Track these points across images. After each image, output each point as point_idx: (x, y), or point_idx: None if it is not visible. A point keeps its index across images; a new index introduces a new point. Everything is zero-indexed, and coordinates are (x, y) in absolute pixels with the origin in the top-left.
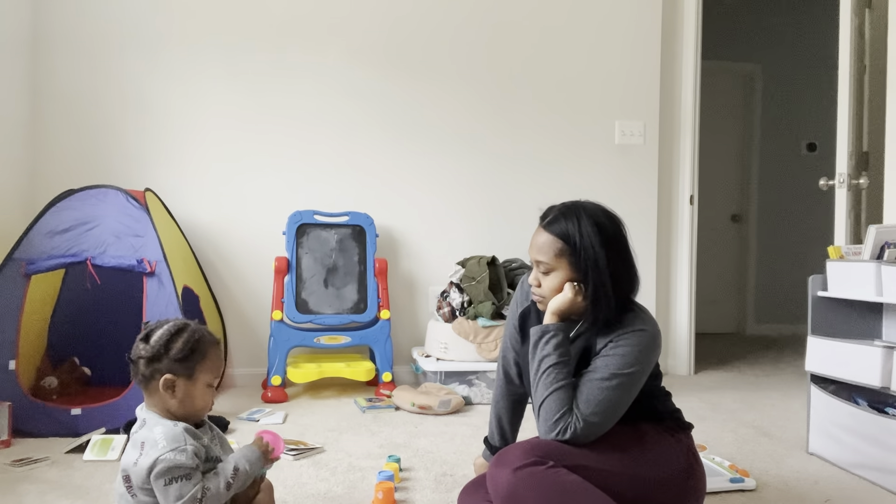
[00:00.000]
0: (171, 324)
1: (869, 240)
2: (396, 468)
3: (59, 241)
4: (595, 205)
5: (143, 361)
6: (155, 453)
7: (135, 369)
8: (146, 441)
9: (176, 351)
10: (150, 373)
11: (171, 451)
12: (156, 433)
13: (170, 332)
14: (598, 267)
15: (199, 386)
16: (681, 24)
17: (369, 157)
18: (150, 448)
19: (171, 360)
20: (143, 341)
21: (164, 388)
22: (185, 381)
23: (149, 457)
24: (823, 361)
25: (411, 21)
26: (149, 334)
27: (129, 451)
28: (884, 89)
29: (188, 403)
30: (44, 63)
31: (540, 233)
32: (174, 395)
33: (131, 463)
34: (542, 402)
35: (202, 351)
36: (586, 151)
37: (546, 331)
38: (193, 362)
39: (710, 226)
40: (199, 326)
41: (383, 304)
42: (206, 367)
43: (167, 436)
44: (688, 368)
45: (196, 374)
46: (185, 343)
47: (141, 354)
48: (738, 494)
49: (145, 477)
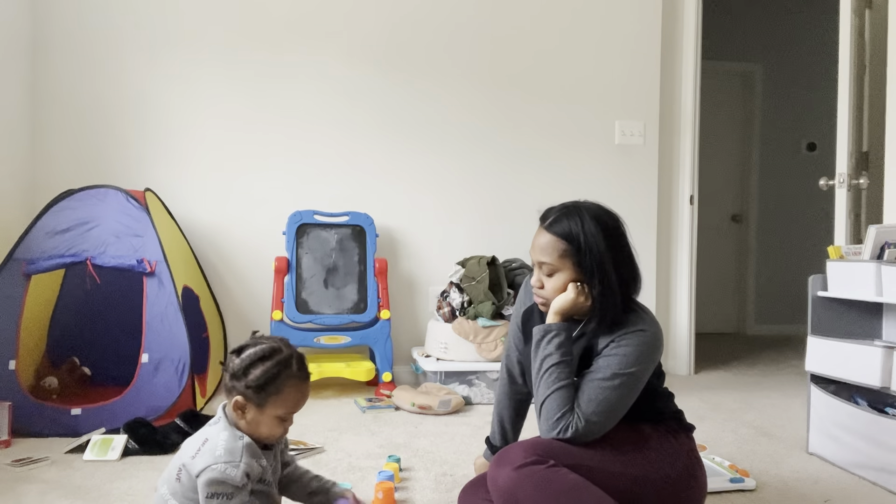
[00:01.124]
0: (264, 347)
1: (869, 240)
2: (396, 468)
3: (59, 241)
4: (595, 204)
5: (227, 375)
6: (210, 459)
7: (223, 374)
8: (210, 439)
9: (252, 378)
10: (230, 388)
11: (224, 463)
12: (219, 439)
13: (257, 357)
14: (603, 266)
15: (266, 417)
16: (681, 24)
17: (369, 156)
18: (208, 451)
19: (246, 385)
20: (235, 354)
21: (234, 408)
22: (255, 409)
23: (203, 459)
24: (823, 361)
25: (412, 21)
26: (242, 349)
27: (192, 441)
28: (884, 89)
29: (254, 429)
30: (44, 63)
31: (542, 234)
32: (243, 417)
33: (188, 455)
34: (544, 401)
35: (278, 386)
36: (586, 151)
37: (548, 330)
38: (266, 394)
39: (710, 226)
40: (289, 358)
41: (383, 304)
42: (279, 402)
43: (227, 446)
44: (688, 368)
45: (266, 407)
46: (263, 373)
47: (228, 367)
48: (738, 494)
49: (193, 477)
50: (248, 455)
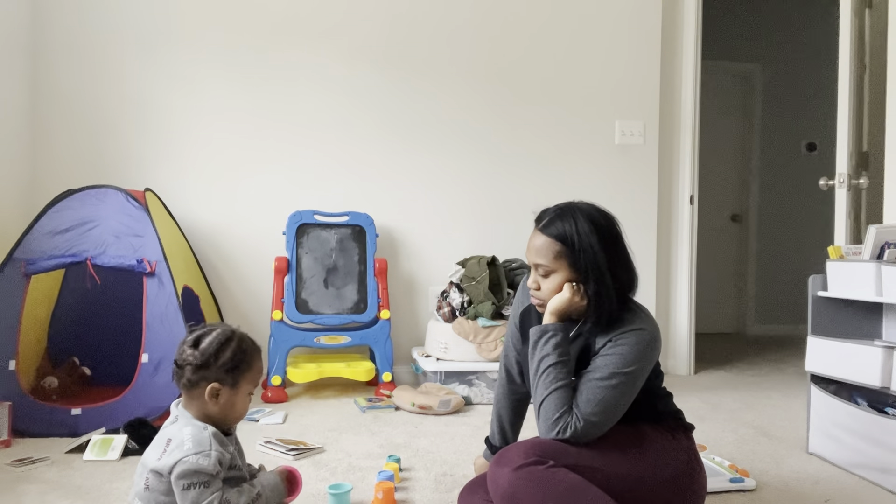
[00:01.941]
0: (220, 332)
1: (869, 240)
2: (396, 468)
3: (59, 241)
4: (589, 205)
5: (190, 368)
6: (179, 454)
7: (179, 373)
8: (173, 439)
9: (224, 361)
10: (197, 379)
11: (195, 455)
12: (184, 433)
13: (219, 341)
14: (598, 266)
15: (241, 395)
16: (681, 24)
17: (369, 156)
18: (176, 447)
19: (219, 369)
20: (191, 347)
21: (209, 395)
22: (229, 390)
23: (172, 456)
24: (823, 361)
25: (412, 22)
26: (198, 340)
27: (154, 446)
28: (884, 89)
29: (228, 411)
30: (44, 63)
31: (537, 235)
32: (217, 403)
33: (154, 459)
34: (542, 401)
35: (248, 361)
36: (586, 151)
37: (545, 331)
38: (239, 372)
39: (710, 226)
40: (245, 335)
41: (383, 304)
42: (249, 377)
43: (194, 438)
44: (688, 368)
45: (240, 384)
46: (233, 353)
47: (189, 361)
48: (738, 494)
49: (166, 476)
50: (217, 443)
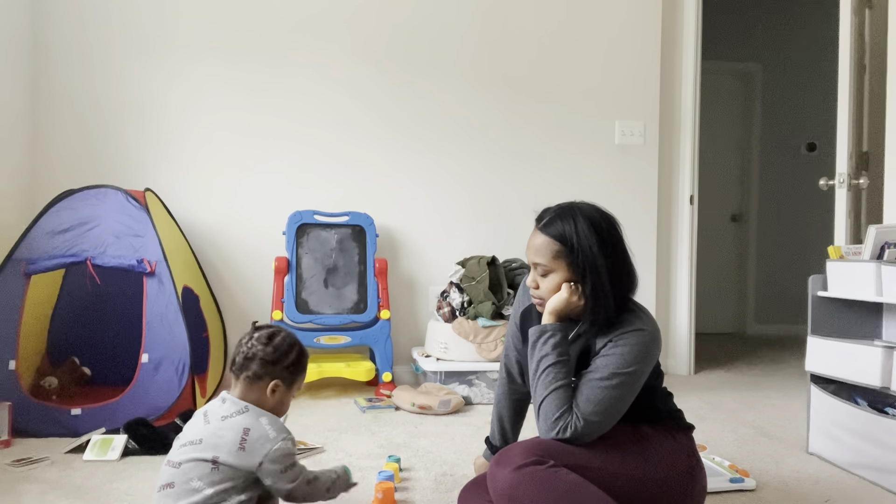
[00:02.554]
0: (287, 333)
1: (869, 240)
2: (396, 468)
3: (59, 241)
4: (590, 205)
5: (261, 362)
6: (268, 444)
7: (247, 365)
8: (253, 428)
9: (291, 361)
10: (263, 374)
11: (283, 440)
12: (263, 423)
13: (289, 343)
14: (596, 267)
15: (290, 394)
16: (681, 24)
17: (369, 156)
18: (261, 437)
19: (284, 368)
20: (265, 343)
21: (269, 390)
22: (285, 388)
23: (262, 444)
24: (823, 361)
25: (413, 21)
26: (271, 337)
27: (220, 433)
28: (884, 89)
29: (280, 406)
30: (43, 63)
31: (536, 235)
32: (274, 397)
33: (229, 448)
34: (542, 401)
35: (304, 365)
36: (586, 151)
37: (544, 331)
38: (297, 374)
39: (710, 226)
40: (300, 341)
41: (383, 304)
42: (301, 379)
43: (276, 426)
44: (688, 368)
45: (293, 385)
46: (296, 356)
47: (261, 355)
48: (738, 494)
49: (254, 465)
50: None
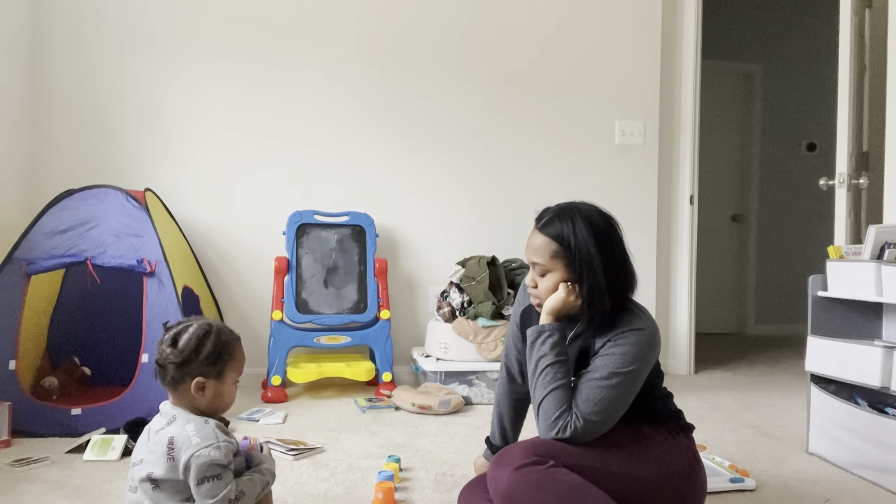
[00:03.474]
0: (196, 326)
1: (869, 240)
2: (396, 468)
3: (59, 241)
4: (589, 206)
5: (172, 366)
6: (189, 450)
7: (163, 373)
8: (177, 437)
9: (205, 354)
10: (181, 376)
11: (206, 448)
12: (188, 430)
13: (198, 337)
14: (593, 268)
15: (227, 384)
16: (681, 24)
17: (369, 156)
18: (184, 445)
19: (201, 364)
20: (170, 346)
21: (195, 390)
22: (215, 382)
23: (183, 454)
24: (823, 361)
25: (413, 21)
26: (175, 338)
27: (153, 449)
28: (884, 89)
29: (218, 402)
30: (44, 63)
31: (535, 235)
32: (204, 395)
33: (160, 462)
34: (541, 401)
35: (229, 352)
36: (586, 151)
37: (542, 331)
38: (222, 363)
39: (710, 226)
40: (222, 326)
41: (383, 304)
42: (233, 366)
43: (200, 433)
44: (688, 368)
45: (225, 374)
46: (213, 346)
47: (170, 359)
48: (738, 494)
49: (179, 474)
50: (222, 433)
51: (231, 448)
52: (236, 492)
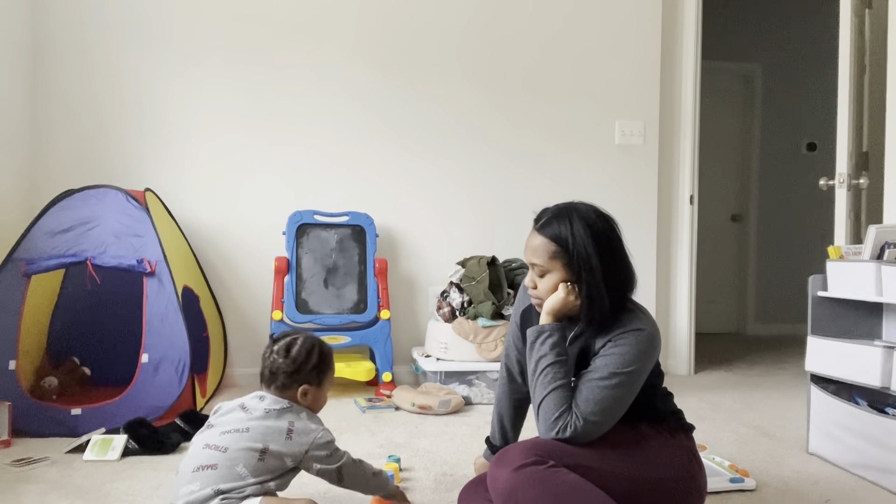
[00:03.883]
0: (304, 339)
1: (869, 240)
2: (396, 468)
3: (59, 241)
4: (588, 206)
5: (284, 374)
6: (310, 434)
7: (272, 378)
8: (296, 423)
9: (312, 366)
10: (290, 383)
11: (322, 430)
12: (303, 418)
13: (307, 349)
14: (591, 268)
15: (323, 392)
16: (681, 24)
17: (369, 156)
18: (302, 430)
19: (308, 373)
20: (284, 357)
21: (300, 395)
22: (316, 389)
23: (305, 436)
24: (823, 361)
25: (412, 21)
26: (288, 349)
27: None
28: (884, 89)
29: (315, 405)
30: (44, 63)
31: (534, 235)
32: (306, 400)
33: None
34: (541, 401)
35: (329, 363)
36: (586, 151)
37: (542, 331)
38: (323, 375)
39: (710, 226)
40: (322, 341)
41: (383, 304)
42: (329, 376)
43: (314, 420)
44: (688, 368)
45: (323, 384)
46: (318, 359)
47: (283, 368)
48: (738, 494)
49: (300, 453)
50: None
51: None
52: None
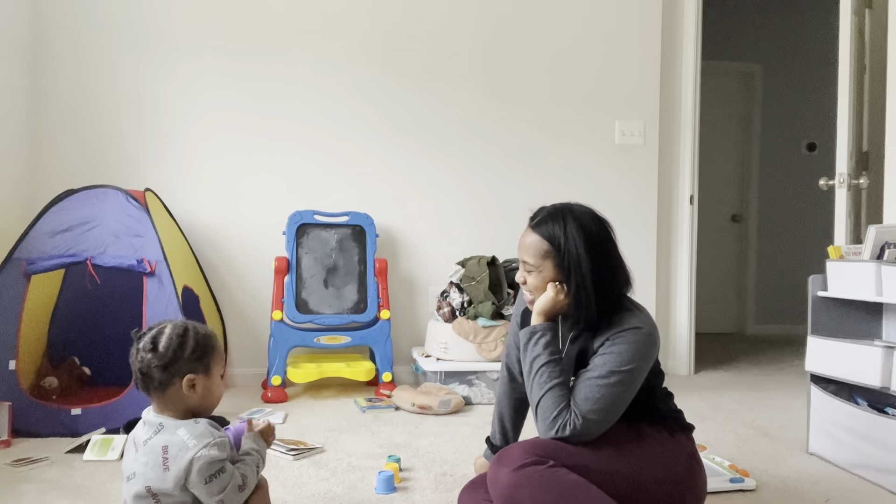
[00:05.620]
0: (171, 327)
1: (869, 240)
2: (396, 468)
3: (59, 241)
4: (583, 207)
5: (158, 370)
6: (188, 455)
7: (146, 380)
8: (170, 444)
9: (190, 351)
10: (168, 378)
11: (204, 448)
12: (180, 435)
13: (178, 335)
14: (581, 270)
15: (214, 378)
16: (681, 24)
17: (369, 156)
18: (180, 451)
19: (188, 361)
20: (150, 352)
21: (186, 388)
22: (204, 377)
23: (181, 460)
24: (823, 361)
25: (412, 21)
26: (154, 342)
27: (145, 461)
28: (884, 89)
29: (209, 398)
30: (44, 63)
31: (528, 233)
32: (195, 392)
33: (156, 473)
34: (539, 401)
35: (211, 345)
36: (586, 151)
37: (534, 332)
38: (208, 357)
39: (710, 226)
40: (195, 322)
41: (383, 304)
42: (217, 359)
43: (194, 434)
44: (688, 368)
45: (211, 368)
46: (195, 341)
47: (154, 363)
48: (738, 494)
49: (180, 481)
50: (214, 429)
51: (226, 441)
52: (240, 479)
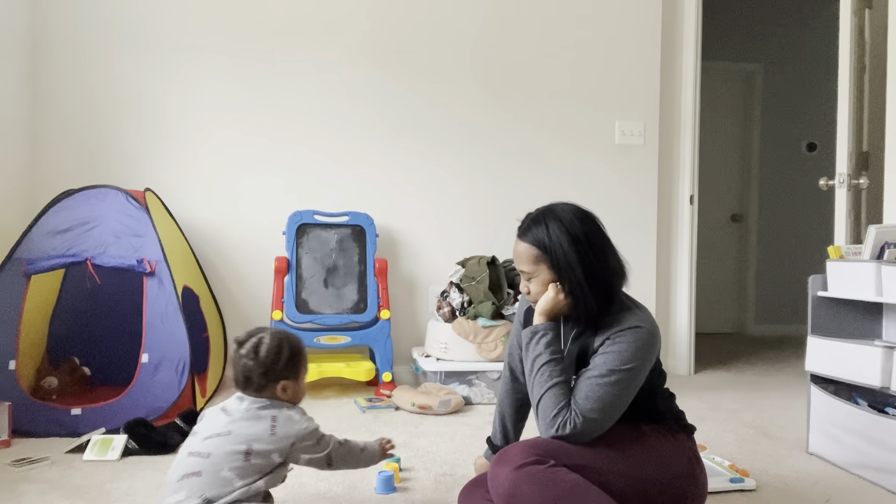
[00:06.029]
0: (270, 336)
1: (869, 240)
2: (396, 468)
3: (59, 241)
4: (566, 205)
5: (259, 375)
6: (296, 426)
7: (247, 382)
8: (279, 416)
9: (284, 361)
10: (266, 382)
11: (306, 421)
12: (285, 411)
13: (276, 346)
14: (571, 266)
15: (301, 384)
16: (681, 24)
17: (369, 156)
18: (286, 423)
19: (283, 369)
20: (252, 359)
21: (280, 392)
22: (294, 383)
23: (289, 428)
24: (823, 361)
25: (412, 21)
26: (256, 350)
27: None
28: (884, 89)
29: (296, 397)
30: (43, 63)
31: (517, 243)
32: (286, 394)
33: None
34: (539, 399)
35: (301, 355)
36: (586, 151)
37: (535, 331)
38: (297, 367)
39: (710, 226)
40: (289, 333)
41: (383, 304)
42: (304, 367)
43: (298, 412)
44: (688, 368)
45: (300, 376)
46: (289, 353)
47: (256, 371)
48: (738, 494)
49: (284, 443)
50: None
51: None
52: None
